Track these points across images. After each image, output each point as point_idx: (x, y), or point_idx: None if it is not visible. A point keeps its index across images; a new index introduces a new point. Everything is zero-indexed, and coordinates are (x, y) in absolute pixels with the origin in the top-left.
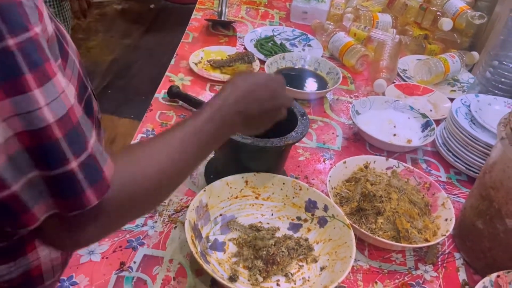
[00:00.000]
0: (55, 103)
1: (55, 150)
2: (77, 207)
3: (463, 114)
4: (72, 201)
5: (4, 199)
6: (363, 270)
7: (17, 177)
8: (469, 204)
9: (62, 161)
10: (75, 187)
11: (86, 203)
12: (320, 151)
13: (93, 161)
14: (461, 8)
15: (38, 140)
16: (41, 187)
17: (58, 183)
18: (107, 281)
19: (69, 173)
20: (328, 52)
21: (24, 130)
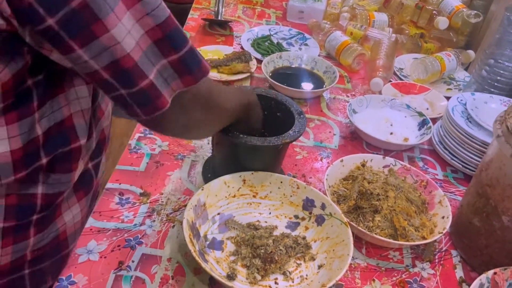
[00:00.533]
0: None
1: (177, 35)
2: (201, 75)
3: (459, 112)
4: (197, 71)
5: (144, 87)
6: (360, 268)
7: (151, 68)
8: (465, 202)
9: (183, 42)
10: (196, 59)
11: (204, 71)
12: (317, 150)
13: (195, 51)
14: (456, 7)
15: (165, 30)
16: (167, 73)
17: (185, 61)
18: (105, 280)
19: (189, 50)
20: (324, 51)
21: (155, 25)
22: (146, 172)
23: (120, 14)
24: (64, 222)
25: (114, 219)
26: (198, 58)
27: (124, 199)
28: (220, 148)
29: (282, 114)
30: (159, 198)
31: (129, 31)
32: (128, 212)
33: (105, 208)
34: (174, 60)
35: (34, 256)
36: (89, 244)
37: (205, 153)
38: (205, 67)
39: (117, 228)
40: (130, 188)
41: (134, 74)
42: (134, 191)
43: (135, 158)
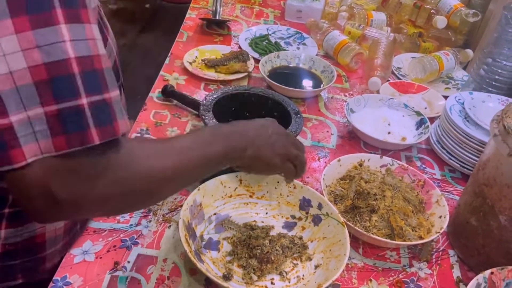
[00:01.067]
0: (80, 43)
1: (68, 83)
2: (78, 143)
3: (457, 112)
4: (74, 136)
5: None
6: (357, 268)
7: (18, 110)
8: (463, 201)
9: (72, 95)
10: (80, 122)
11: (89, 140)
12: (314, 150)
13: (106, 107)
14: (455, 6)
15: (53, 72)
16: (40, 127)
17: (63, 117)
18: (101, 281)
19: (77, 107)
20: (322, 51)
21: (42, 63)
22: None
23: (2, 31)
24: (44, 225)
25: (110, 220)
26: (87, 121)
27: None
28: None
29: (279, 113)
30: None
31: (4, 55)
32: None
33: None
34: (52, 113)
35: (5, 249)
36: (84, 245)
37: None
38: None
39: (113, 228)
40: None
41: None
42: None
43: None
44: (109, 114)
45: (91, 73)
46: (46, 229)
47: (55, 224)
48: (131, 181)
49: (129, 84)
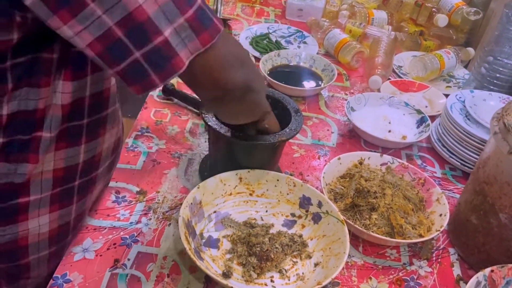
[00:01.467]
0: None
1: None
2: (215, 32)
3: (457, 110)
4: (211, 28)
5: (158, 45)
6: (357, 266)
7: (167, 24)
8: (463, 199)
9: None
10: (209, 16)
11: (219, 28)
12: (315, 148)
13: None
14: (456, 4)
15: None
16: (185, 33)
17: (199, 17)
18: (101, 278)
19: (200, 6)
20: (323, 49)
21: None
22: (142, 170)
23: None
24: (27, 229)
25: (110, 217)
26: (208, 13)
27: (120, 197)
28: (216, 147)
29: (279, 112)
30: (156, 197)
31: None
32: (124, 210)
33: (102, 206)
34: (191, 17)
35: None
36: (84, 242)
37: (202, 151)
38: (219, 22)
39: (113, 226)
40: (126, 187)
41: (148, 29)
42: (131, 189)
43: (132, 157)
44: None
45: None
46: (29, 233)
47: (39, 229)
48: None
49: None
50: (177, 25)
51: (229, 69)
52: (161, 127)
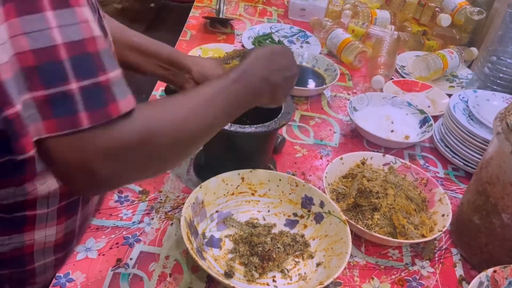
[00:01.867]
0: (70, 28)
1: (55, 69)
2: (67, 126)
3: (460, 110)
4: (63, 119)
5: (10, 118)
6: (359, 266)
7: (18, 96)
8: (466, 200)
9: (60, 80)
10: (69, 106)
11: (79, 123)
12: (317, 148)
13: (100, 91)
14: (459, 4)
15: (40, 59)
16: (31, 111)
17: (52, 102)
18: (103, 277)
19: (65, 93)
20: (326, 49)
21: (29, 49)
22: None
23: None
24: (33, 239)
25: (113, 217)
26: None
27: (123, 197)
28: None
29: None
30: (158, 196)
31: (3, 43)
32: (127, 210)
33: (104, 206)
34: (41, 98)
35: None
36: (87, 242)
37: None
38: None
39: (116, 225)
40: (129, 186)
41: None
42: (133, 189)
43: None
44: (103, 97)
45: (82, 57)
46: (36, 242)
47: (45, 238)
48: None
49: (134, 83)
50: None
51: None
52: None
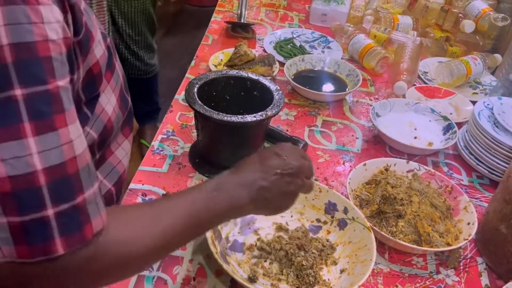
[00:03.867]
0: (51, 152)
1: (32, 196)
2: (41, 253)
3: (485, 117)
4: (37, 247)
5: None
6: (383, 273)
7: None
8: (492, 208)
9: (36, 207)
10: (44, 233)
11: (53, 250)
12: (339, 153)
13: (76, 213)
14: (483, 10)
15: (17, 185)
16: (4, 234)
17: (27, 229)
18: (128, 280)
19: (41, 219)
20: (347, 54)
21: (6, 176)
22: (168, 173)
23: None
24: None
25: None
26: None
27: (147, 200)
28: (205, 132)
29: (260, 92)
30: None
31: None
32: None
33: None
34: (15, 224)
35: None
36: None
37: None
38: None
39: None
40: (152, 189)
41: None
42: (157, 191)
43: (157, 160)
44: (78, 220)
45: (61, 181)
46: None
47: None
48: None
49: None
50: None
51: None
52: (186, 130)
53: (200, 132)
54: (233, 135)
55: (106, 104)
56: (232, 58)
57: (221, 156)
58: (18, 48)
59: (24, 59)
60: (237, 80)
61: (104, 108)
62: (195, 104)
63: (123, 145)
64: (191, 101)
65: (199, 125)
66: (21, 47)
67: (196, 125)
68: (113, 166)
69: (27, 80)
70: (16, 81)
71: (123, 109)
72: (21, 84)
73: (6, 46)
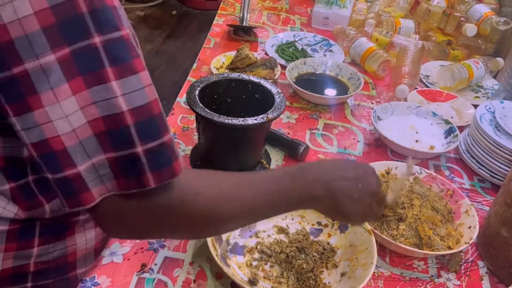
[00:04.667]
0: (135, 94)
1: (122, 135)
2: (136, 186)
3: (487, 121)
4: (132, 180)
5: (68, 176)
6: (384, 276)
7: (84, 160)
8: (493, 212)
9: (127, 144)
10: (136, 168)
11: (146, 183)
12: (340, 156)
13: (164, 151)
14: (485, 14)
15: (109, 125)
16: (104, 171)
17: (121, 163)
18: (128, 282)
19: (132, 155)
20: (349, 58)
21: (100, 117)
22: None
23: (61, 96)
24: (75, 243)
25: None
26: (142, 167)
27: None
28: (207, 135)
29: (261, 95)
30: None
31: (66, 116)
32: None
33: None
34: (112, 159)
35: (37, 268)
36: (112, 246)
37: None
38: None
39: None
40: None
41: (61, 160)
42: None
43: None
44: (168, 157)
45: (147, 121)
46: (77, 248)
47: (86, 243)
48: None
49: (156, 88)
50: (97, 161)
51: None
52: (188, 133)
53: (202, 135)
54: (234, 138)
55: None
56: (234, 61)
57: (222, 159)
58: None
59: (96, 8)
60: (239, 83)
61: None
62: (196, 107)
63: None
64: (192, 103)
65: (201, 128)
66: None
67: (198, 128)
68: None
69: (103, 28)
70: (93, 29)
71: None
72: (98, 32)
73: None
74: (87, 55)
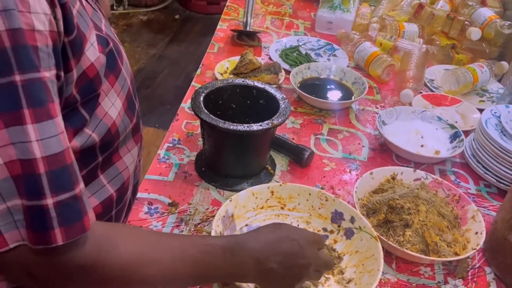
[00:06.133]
0: (49, 140)
1: (33, 183)
2: (42, 242)
3: (493, 125)
4: (38, 234)
5: None
6: (390, 283)
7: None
8: (500, 217)
9: (37, 195)
10: (44, 222)
11: (53, 240)
12: (345, 162)
13: (75, 203)
14: (489, 18)
15: (25, 170)
16: (19, 216)
17: (31, 214)
18: None
19: (41, 208)
20: (353, 62)
21: (17, 159)
22: (174, 182)
23: None
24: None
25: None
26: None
27: (153, 209)
28: (211, 140)
29: (266, 101)
30: (187, 208)
31: None
32: (156, 221)
33: (135, 218)
34: (25, 207)
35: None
36: None
37: None
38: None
39: None
40: (158, 198)
41: None
42: (163, 200)
43: (163, 168)
44: (79, 211)
45: (60, 171)
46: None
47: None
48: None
49: (159, 93)
50: (11, 205)
51: None
52: (192, 139)
53: (206, 141)
54: (239, 143)
55: (110, 107)
56: (238, 66)
57: (227, 165)
58: (14, 33)
59: (20, 45)
60: (243, 88)
61: (107, 111)
62: (201, 113)
63: (132, 152)
64: (197, 110)
65: (205, 133)
66: (16, 33)
67: (202, 134)
68: (119, 172)
69: (24, 67)
70: (15, 66)
71: (130, 114)
72: (19, 70)
73: (4, 32)
74: (6, 93)
